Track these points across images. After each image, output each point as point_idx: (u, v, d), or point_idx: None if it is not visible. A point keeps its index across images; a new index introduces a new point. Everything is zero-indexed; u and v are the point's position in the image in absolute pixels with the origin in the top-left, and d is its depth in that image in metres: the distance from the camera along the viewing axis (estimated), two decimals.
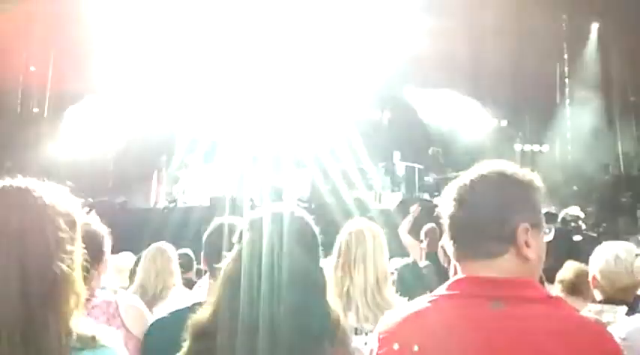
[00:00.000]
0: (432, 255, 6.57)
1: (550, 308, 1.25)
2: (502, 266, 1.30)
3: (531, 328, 1.19)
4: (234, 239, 1.22)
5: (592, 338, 1.22)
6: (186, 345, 1.12)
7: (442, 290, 1.35)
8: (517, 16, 15.90)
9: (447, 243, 1.38)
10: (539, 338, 1.18)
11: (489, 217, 1.31)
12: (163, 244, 3.84)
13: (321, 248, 1.29)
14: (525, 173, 1.39)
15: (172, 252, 3.83)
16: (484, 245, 1.31)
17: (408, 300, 1.62)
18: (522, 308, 1.23)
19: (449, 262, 6.32)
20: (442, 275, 6.15)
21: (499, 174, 1.37)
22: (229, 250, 1.18)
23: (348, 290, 2.43)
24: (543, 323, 1.20)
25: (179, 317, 1.73)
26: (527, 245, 1.30)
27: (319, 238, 1.30)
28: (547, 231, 1.39)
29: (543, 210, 1.38)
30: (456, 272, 2.24)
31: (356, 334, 2.32)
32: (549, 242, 1.41)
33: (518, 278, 1.29)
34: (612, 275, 2.60)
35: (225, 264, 1.11)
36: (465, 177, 1.39)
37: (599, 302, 2.63)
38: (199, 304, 1.67)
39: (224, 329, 1.05)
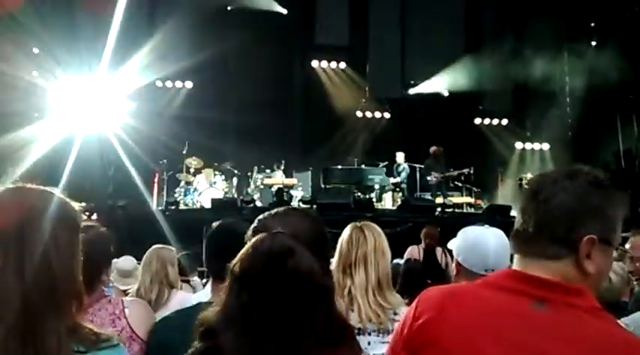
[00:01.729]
0: (430, 254, 6.60)
1: (593, 320, 1.19)
2: (557, 271, 1.24)
3: (565, 336, 1.15)
4: (247, 238, 1.22)
5: None
6: (193, 344, 1.12)
7: (488, 279, 1.33)
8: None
9: (512, 234, 1.33)
10: (570, 348, 1.14)
11: (559, 219, 1.25)
12: (160, 247, 3.76)
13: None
14: (616, 188, 1.31)
15: (170, 254, 3.73)
16: (545, 245, 1.26)
17: (410, 301, 1.62)
18: (563, 314, 1.18)
19: (446, 264, 6.36)
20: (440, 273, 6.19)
21: (587, 179, 1.29)
22: (230, 252, 1.18)
23: (349, 290, 2.44)
24: (580, 334, 1.16)
25: (184, 316, 1.74)
26: (589, 257, 1.24)
27: (329, 241, 1.30)
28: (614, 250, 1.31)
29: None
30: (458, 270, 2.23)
31: (358, 334, 2.33)
32: None
33: (567, 284, 1.23)
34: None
35: (233, 264, 1.12)
36: (553, 174, 1.32)
37: None
38: (204, 304, 1.69)
39: (231, 328, 1.05)
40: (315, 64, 16.03)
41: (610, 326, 1.20)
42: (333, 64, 16.08)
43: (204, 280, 5.00)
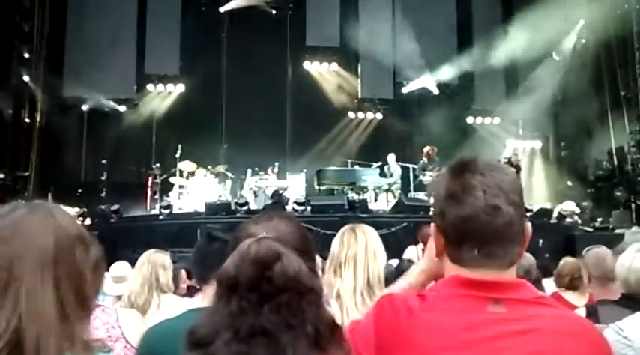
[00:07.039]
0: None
1: (544, 309, 1.23)
2: (512, 271, 1.25)
3: (533, 329, 1.18)
4: (228, 246, 1.22)
5: (586, 332, 1.22)
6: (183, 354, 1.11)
7: (436, 288, 1.29)
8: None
9: (465, 251, 1.24)
10: (542, 338, 1.17)
11: (518, 223, 1.23)
12: (153, 251, 3.71)
13: (316, 252, 1.29)
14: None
15: (162, 258, 3.67)
16: (511, 252, 1.24)
17: None
18: (521, 310, 1.20)
19: None
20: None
21: (510, 172, 1.28)
22: (220, 258, 1.17)
23: (338, 291, 2.43)
24: (543, 324, 1.19)
25: (174, 324, 1.72)
26: None
27: (313, 242, 1.30)
28: None
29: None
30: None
31: None
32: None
33: (512, 281, 1.25)
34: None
35: (220, 272, 1.11)
36: (484, 179, 1.23)
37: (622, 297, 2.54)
38: (194, 311, 1.67)
39: (220, 337, 1.04)
40: (306, 65, 16.05)
41: (557, 311, 1.25)
42: (325, 65, 16.10)
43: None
